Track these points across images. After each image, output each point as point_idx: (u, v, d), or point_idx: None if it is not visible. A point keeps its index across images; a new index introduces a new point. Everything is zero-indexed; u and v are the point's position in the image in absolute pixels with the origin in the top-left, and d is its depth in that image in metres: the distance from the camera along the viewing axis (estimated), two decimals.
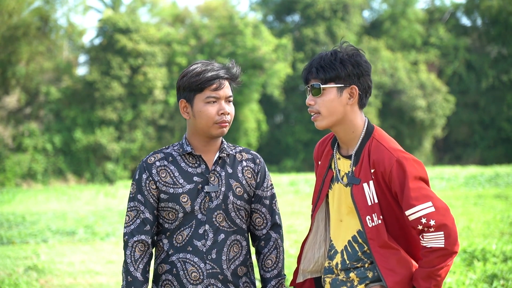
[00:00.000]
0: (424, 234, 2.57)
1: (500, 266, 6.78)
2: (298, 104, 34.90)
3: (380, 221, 2.63)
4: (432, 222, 2.54)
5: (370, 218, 2.64)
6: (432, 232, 2.55)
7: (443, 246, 2.54)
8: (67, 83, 30.89)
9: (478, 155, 36.81)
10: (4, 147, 28.59)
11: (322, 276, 2.82)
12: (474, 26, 39.54)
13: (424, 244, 2.58)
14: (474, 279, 6.37)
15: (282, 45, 33.69)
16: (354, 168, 2.70)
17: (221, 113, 2.86)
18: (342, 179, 2.74)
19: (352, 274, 2.70)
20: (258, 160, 3.03)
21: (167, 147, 3.00)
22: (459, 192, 17.91)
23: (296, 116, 35.41)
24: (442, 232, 2.54)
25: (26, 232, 12.36)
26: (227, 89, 2.90)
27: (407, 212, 2.58)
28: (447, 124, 37.19)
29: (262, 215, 3.01)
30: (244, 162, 2.99)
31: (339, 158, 2.77)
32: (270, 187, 3.04)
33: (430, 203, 2.56)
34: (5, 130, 29.17)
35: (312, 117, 2.72)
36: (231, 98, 2.92)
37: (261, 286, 3.04)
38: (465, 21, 40.27)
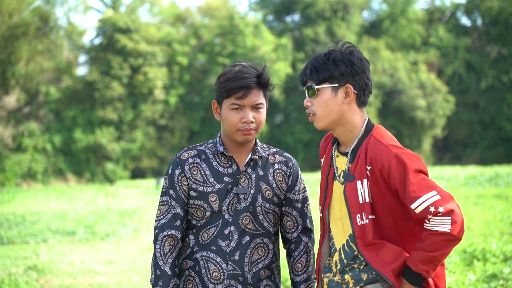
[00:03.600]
0: (431, 217, 2.53)
1: (500, 266, 6.78)
2: (298, 104, 34.91)
3: (367, 221, 2.62)
4: (440, 209, 2.51)
5: (359, 217, 2.62)
6: (439, 216, 2.52)
7: (448, 231, 2.51)
8: (67, 83, 30.89)
9: (478, 155, 36.81)
10: (4, 147, 28.59)
11: (321, 275, 2.82)
12: (474, 26, 39.55)
13: (429, 228, 2.53)
14: (474, 279, 6.37)
15: (282, 45, 33.71)
16: (350, 165, 2.70)
17: (244, 121, 2.85)
18: (339, 177, 2.73)
19: (347, 276, 2.69)
20: (291, 163, 3.01)
21: (201, 144, 3.01)
22: (459, 192, 17.90)
23: (296, 116, 35.42)
24: (450, 217, 2.52)
25: (26, 232, 12.36)
26: (254, 97, 2.87)
27: (413, 206, 2.54)
28: (447, 124, 37.19)
29: (293, 218, 3.01)
30: (276, 164, 2.98)
31: (337, 156, 2.77)
32: (303, 191, 3.03)
33: (435, 192, 2.54)
34: (5, 130, 29.17)
35: (310, 118, 2.73)
36: (261, 105, 2.89)
37: None
38: (465, 21, 40.30)
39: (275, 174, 2.97)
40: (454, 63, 37.81)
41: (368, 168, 2.65)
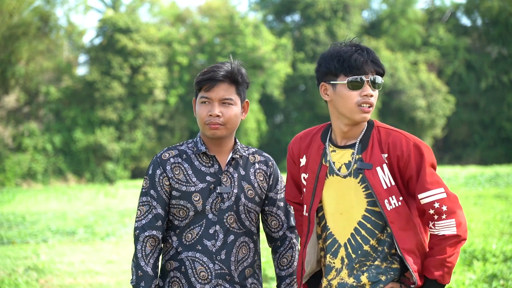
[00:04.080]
0: (435, 222, 2.59)
1: (500, 266, 6.78)
2: (298, 104, 34.90)
3: (400, 203, 2.63)
4: (444, 208, 2.58)
5: (388, 202, 2.62)
6: (443, 219, 2.58)
7: (455, 233, 2.57)
8: (67, 83, 30.89)
9: (478, 155, 36.80)
10: (4, 147, 28.59)
11: (324, 277, 2.75)
12: (474, 26, 39.53)
13: (436, 233, 2.60)
14: (474, 279, 6.36)
15: (282, 45, 33.70)
16: (359, 155, 2.68)
17: (209, 115, 2.86)
18: (339, 170, 2.70)
19: (363, 278, 2.66)
20: (270, 162, 3.04)
21: (181, 144, 3.00)
22: (459, 192, 17.89)
23: (296, 116, 35.41)
24: (454, 219, 2.58)
25: (26, 232, 12.36)
26: (223, 91, 2.87)
27: (421, 195, 2.60)
28: (447, 124, 37.19)
29: (278, 218, 3.03)
30: (256, 164, 3.00)
31: (333, 151, 2.73)
32: (284, 189, 3.05)
33: (442, 189, 2.60)
34: (5, 130, 29.17)
35: (367, 109, 2.68)
36: (230, 101, 2.88)
37: (276, 283, 3.08)
38: (465, 21, 40.27)
39: (256, 173, 2.98)
40: (454, 63, 37.81)
41: (385, 156, 2.67)
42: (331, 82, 2.68)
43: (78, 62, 33.74)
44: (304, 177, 2.79)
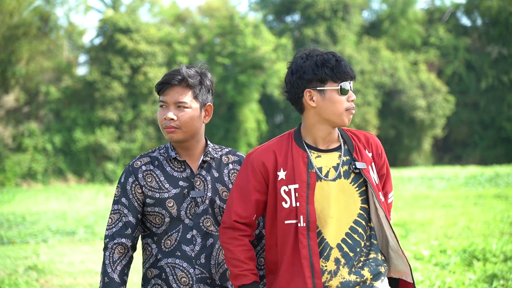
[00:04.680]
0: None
1: (500, 266, 6.78)
2: None
3: (383, 198, 2.81)
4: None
5: (381, 196, 2.79)
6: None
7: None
8: (67, 83, 30.89)
9: (478, 155, 36.80)
10: (4, 147, 28.59)
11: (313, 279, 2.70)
12: (474, 26, 39.53)
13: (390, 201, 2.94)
14: (474, 279, 6.36)
15: (282, 45, 33.70)
16: (347, 157, 2.75)
17: (164, 118, 2.89)
18: (327, 175, 2.72)
19: (365, 272, 2.70)
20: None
21: (153, 150, 3.00)
22: (459, 192, 17.90)
23: (296, 116, 35.40)
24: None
25: (26, 232, 12.36)
26: (177, 95, 2.89)
27: (390, 194, 2.91)
28: (447, 124, 37.18)
29: None
30: (230, 165, 2.98)
31: (318, 156, 2.74)
32: None
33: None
34: (5, 130, 29.16)
35: (353, 112, 2.76)
36: (184, 104, 2.88)
37: None
38: (465, 21, 40.28)
39: (230, 174, 2.97)
40: (454, 63, 37.80)
41: (370, 155, 2.79)
42: (318, 88, 2.69)
43: (78, 62, 33.74)
44: (285, 190, 2.73)
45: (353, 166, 2.72)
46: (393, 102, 35.43)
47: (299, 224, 2.70)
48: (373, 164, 2.77)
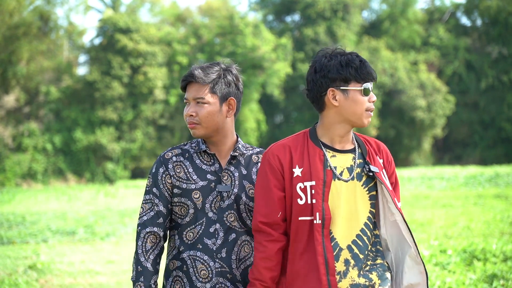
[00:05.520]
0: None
1: (500, 266, 6.78)
2: (298, 104, 34.90)
3: (400, 204, 2.82)
4: None
5: (397, 201, 2.79)
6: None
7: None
8: (67, 83, 30.90)
9: (478, 155, 36.81)
10: (4, 147, 28.59)
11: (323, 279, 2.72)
12: (474, 26, 39.55)
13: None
14: (474, 279, 6.36)
15: (281, 45, 33.71)
16: (361, 160, 2.77)
17: (185, 115, 2.95)
18: (341, 175, 2.74)
19: (373, 277, 2.72)
20: None
21: (185, 143, 3.05)
22: (459, 192, 17.91)
23: (296, 116, 35.41)
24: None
25: (26, 232, 12.37)
26: (195, 91, 2.93)
27: (399, 204, 2.83)
28: (447, 124, 37.19)
29: None
30: (259, 164, 2.99)
31: (333, 156, 2.76)
32: None
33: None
34: (5, 130, 29.17)
35: (371, 113, 2.78)
36: (201, 100, 2.92)
37: None
38: (465, 21, 40.30)
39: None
40: (454, 63, 37.81)
41: (381, 161, 2.82)
42: (342, 88, 2.71)
43: (78, 62, 33.77)
44: (300, 187, 2.75)
45: (367, 169, 2.73)
46: (393, 102, 35.44)
47: (314, 221, 2.71)
48: (384, 170, 2.79)
